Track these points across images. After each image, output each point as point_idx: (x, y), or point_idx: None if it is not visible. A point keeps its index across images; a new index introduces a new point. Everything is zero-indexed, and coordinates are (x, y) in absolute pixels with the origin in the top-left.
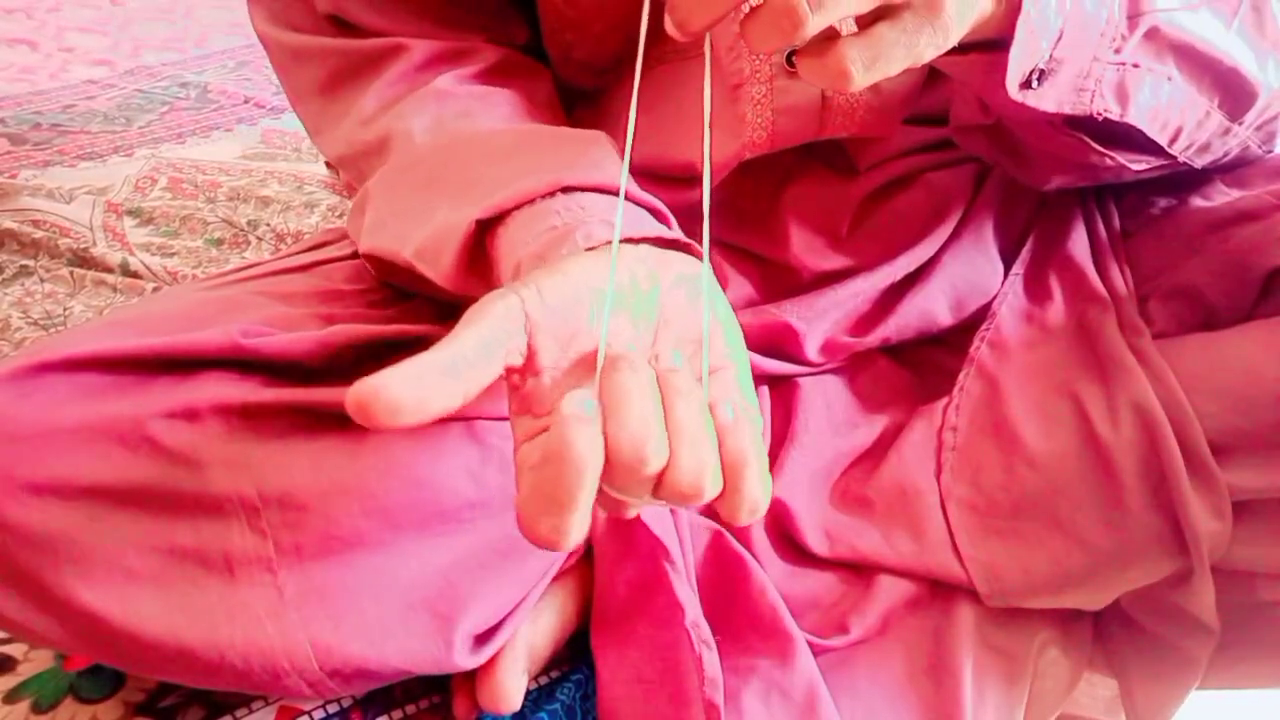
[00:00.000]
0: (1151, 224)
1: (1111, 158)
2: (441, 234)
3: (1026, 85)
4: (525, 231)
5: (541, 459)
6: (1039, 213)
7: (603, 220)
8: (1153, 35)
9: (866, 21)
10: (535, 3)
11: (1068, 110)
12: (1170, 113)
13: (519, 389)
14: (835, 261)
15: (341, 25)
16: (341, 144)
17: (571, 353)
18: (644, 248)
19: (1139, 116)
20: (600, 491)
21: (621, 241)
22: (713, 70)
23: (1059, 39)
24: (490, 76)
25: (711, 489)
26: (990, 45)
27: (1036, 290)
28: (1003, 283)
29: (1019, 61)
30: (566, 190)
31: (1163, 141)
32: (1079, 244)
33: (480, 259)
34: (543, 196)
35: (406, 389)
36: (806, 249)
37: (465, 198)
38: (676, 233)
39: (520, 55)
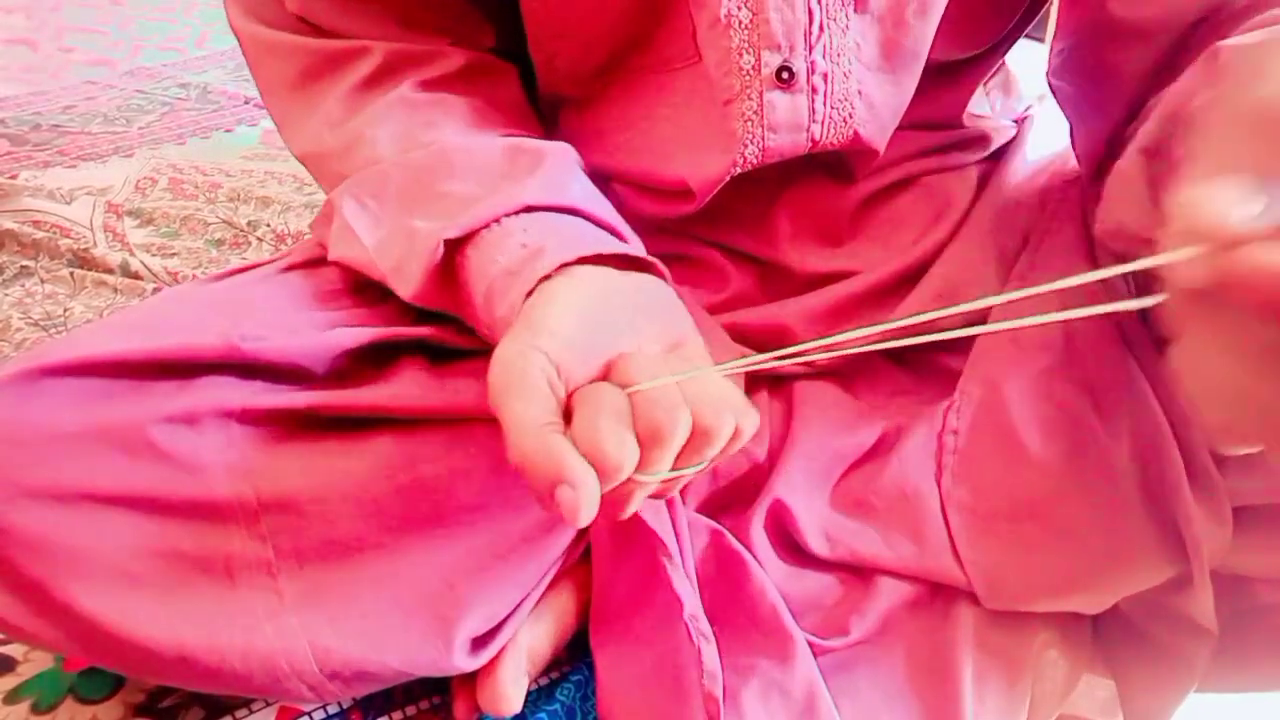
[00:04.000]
0: None
1: None
2: (409, 252)
3: None
4: (495, 250)
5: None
6: (1039, 215)
7: (571, 237)
8: None
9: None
10: (519, 11)
11: None
12: None
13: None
14: (833, 263)
15: (310, 26)
16: (309, 142)
17: (593, 364)
18: (605, 268)
19: None
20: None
21: (587, 260)
22: (703, 85)
23: None
24: (454, 82)
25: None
26: None
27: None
28: (1003, 285)
29: None
30: (530, 209)
31: None
32: (1079, 247)
33: (449, 275)
34: (508, 215)
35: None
36: (804, 251)
37: (432, 214)
38: (637, 249)
39: (487, 57)
